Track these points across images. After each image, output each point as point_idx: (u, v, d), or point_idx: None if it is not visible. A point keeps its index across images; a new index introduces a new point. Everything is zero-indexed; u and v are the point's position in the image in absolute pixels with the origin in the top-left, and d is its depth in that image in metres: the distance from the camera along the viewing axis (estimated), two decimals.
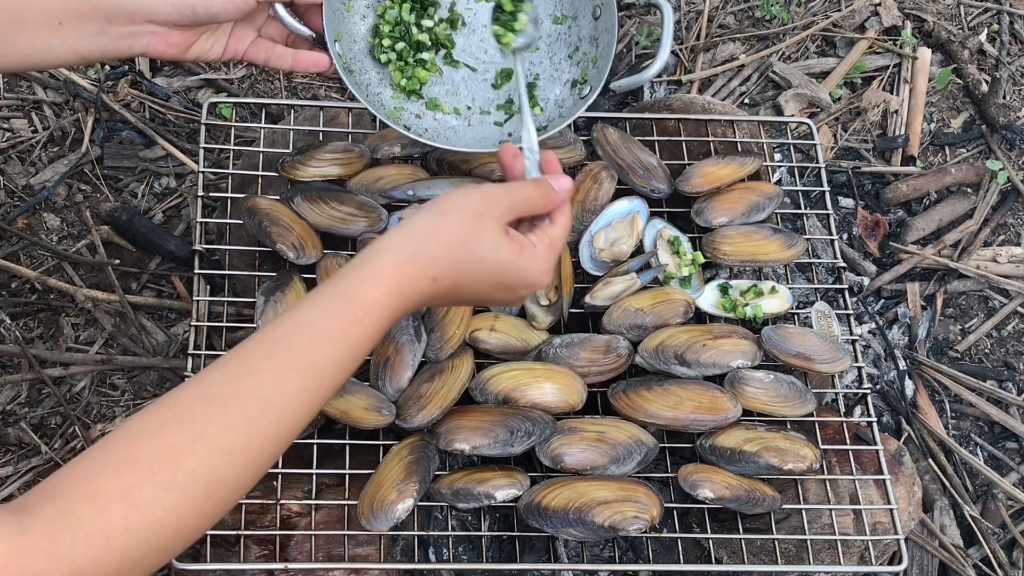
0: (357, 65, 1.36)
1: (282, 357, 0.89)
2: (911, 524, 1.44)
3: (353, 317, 0.93)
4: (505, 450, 1.26)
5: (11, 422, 1.62)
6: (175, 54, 1.19)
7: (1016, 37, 2.13)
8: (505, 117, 1.39)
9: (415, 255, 0.98)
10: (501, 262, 1.02)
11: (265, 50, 1.26)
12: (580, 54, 1.38)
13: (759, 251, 1.46)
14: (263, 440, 0.87)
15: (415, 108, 1.38)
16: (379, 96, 1.37)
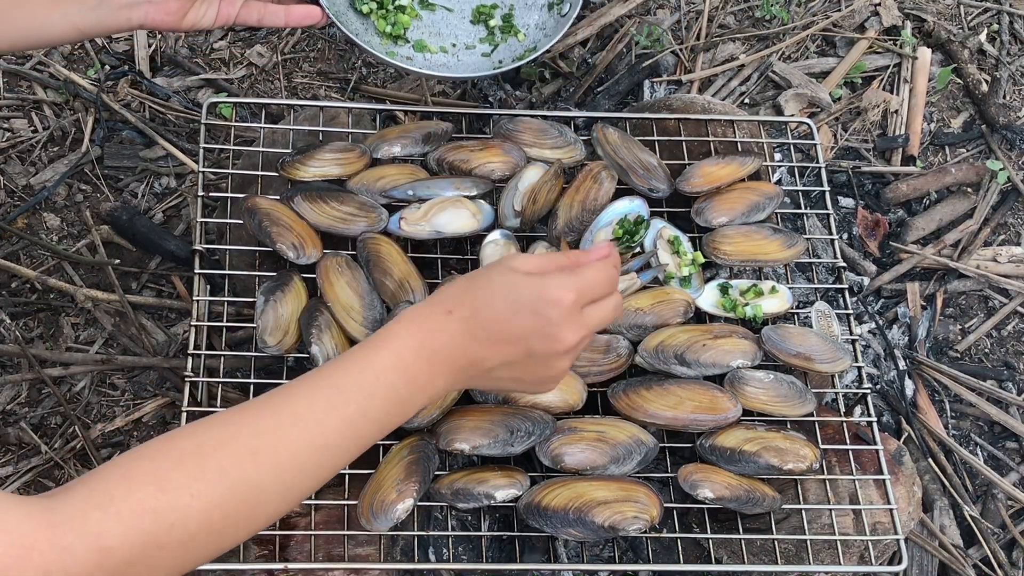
0: (342, 18, 1.41)
1: (313, 381, 0.96)
2: (911, 524, 1.44)
3: (374, 347, 0.98)
4: (505, 450, 1.26)
5: (11, 422, 1.62)
6: (172, 23, 1.21)
7: (1016, 37, 2.13)
8: (491, 47, 1.45)
9: (431, 300, 1.04)
10: (515, 284, 1.01)
11: (257, 11, 1.28)
12: None
13: (759, 251, 1.46)
14: (291, 448, 0.90)
15: (404, 52, 1.46)
16: (368, 43, 1.42)
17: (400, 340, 0.99)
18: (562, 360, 1.05)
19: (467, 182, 1.44)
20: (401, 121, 1.76)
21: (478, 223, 1.44)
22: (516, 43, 1.44)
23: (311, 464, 0.92)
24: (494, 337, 1.01)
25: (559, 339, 1.02)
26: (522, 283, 1.01)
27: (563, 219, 1.44)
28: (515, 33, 1.46)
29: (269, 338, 1.32)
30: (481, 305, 1.01)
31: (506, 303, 1.01)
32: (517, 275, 1.02)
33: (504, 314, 1.01)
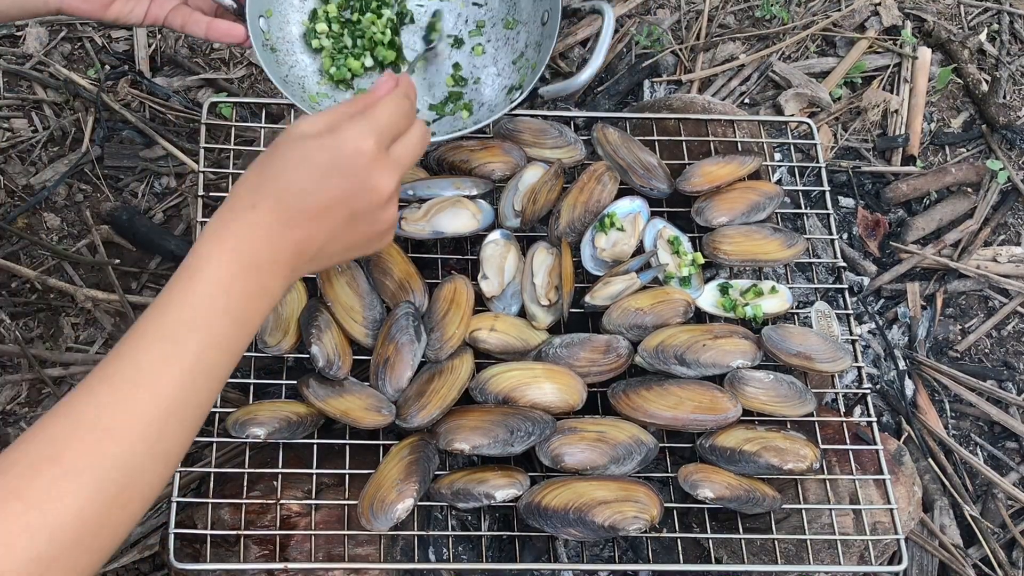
0: (284, 46, 1.31)
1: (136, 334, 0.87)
2: (911, 524, 1.44)
3: (189, 274, 0.90)
4: (505, 450, 1.26)
5: (11, 422, 1.62)
6: (91, 11, 1.17)
7: (1016, 37, 2.13)
8: (435, 117, 1.34)
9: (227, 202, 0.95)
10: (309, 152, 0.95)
11: (183, 16, 1.23)
12: (523, 60, 1.33)
13: (759, 250, 1.46)
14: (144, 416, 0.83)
15: (340, 97, 1.33)
16: (303, 80, 1.31)
17: (213, 261, 0.90)
18: (387, 209, 1.00)
19: (467, 182, 1.44)
20: None
21: (478, 223, 1.44)
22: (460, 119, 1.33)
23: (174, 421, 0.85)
24: (309, 214, 0.94)
25: (375, 189, 0.97)
26: (316, 147, 0.95)
27: (566, 220, 1.44)
28: (465, 109, 1.34)
29: (269, 338, 1.32)
30: (283, 187, 0.93)
31: (308, 174, 0.94)
32: (308, 140, 0.95)
33: (309, 186, 0.94)
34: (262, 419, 1.27)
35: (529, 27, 1.34)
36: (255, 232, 0.92)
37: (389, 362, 1.31)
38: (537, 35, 1.33)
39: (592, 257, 1.44)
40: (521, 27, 1.35)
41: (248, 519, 1.27)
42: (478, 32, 1.37)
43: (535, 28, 1.33)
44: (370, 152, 0.96)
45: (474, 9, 1.35)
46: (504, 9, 1.37)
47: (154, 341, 0.86)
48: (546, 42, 1.29)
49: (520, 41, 1.35)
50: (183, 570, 1.21)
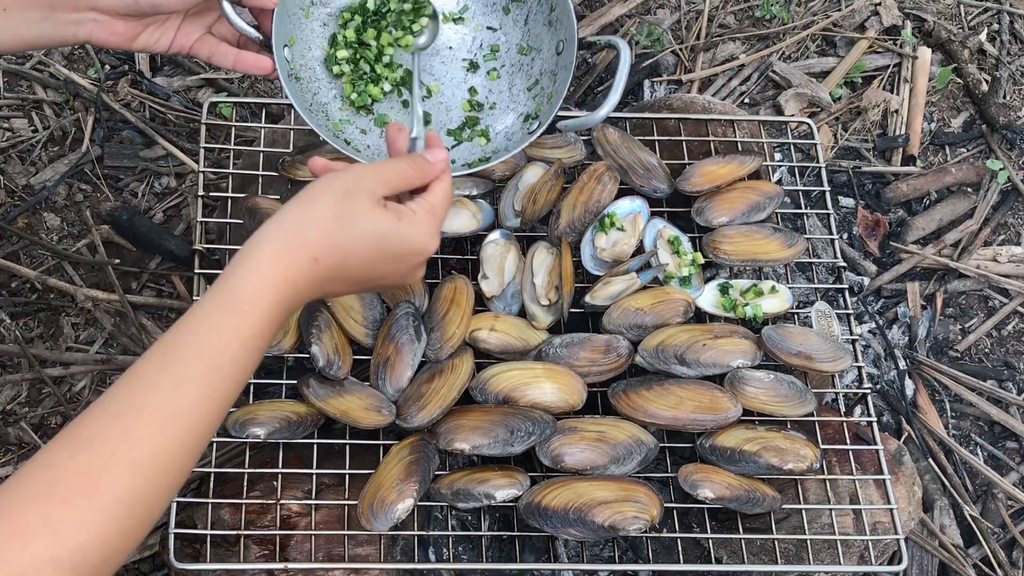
0: (307, 73, 1.32)
1: (176, 365, 0.89)
2: (911, 524, 1.44)
3: (240, 311, 0.91)
4: (505, 450, 1.26)
5: (11, 422, 1.62)
6: (120, 43, 1.19)
7: (1016, 37, 2.13)
8: (454, 143, 1.34)
9: (292, 241, 0.96)
10: (379, 231, 1.00)
11: (210, 47, 1.24)
12: (539, 88, 1.34)
13: (759, 250, 1.46)
14: (171, 452, 0.86)
15: (362, 123, 1.33)
16: (326, 107, 1.32)
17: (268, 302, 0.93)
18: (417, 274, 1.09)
19: (467, 182, 1.44)
20: None
21: (478, 223, 1.44)
22: (478, 147, 1.33)
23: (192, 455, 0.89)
24: (352, 279, 1.02)
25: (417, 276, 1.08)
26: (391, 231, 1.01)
27: (566, 219, 1.44)
28: (483, 136, 1.33)
29: None
30: (349, 255, 0.99)
31: (374, 254, 1.01)
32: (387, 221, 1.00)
33: (370, 263, 1.01)
34: (262, 419, 1.27)
35: (544, 55, 1.34)
36: (310, 285, 0.97)
37: (389, 362, 1.31)
38: (552, 64, 1.33)
39: (592, 257, 1.44)
40: (535, 54, 1.35)
41: (248, 519, 1.27)
42: (492, 56, 1.37)
43: (550, 56, 1.33)
44: (431, 251, 1.05)
45: (488, 33, 1.36)
46: (519, 35, 1.36)
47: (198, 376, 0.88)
48: (562, 73, 1.30)
49: (535, 68, 1.35)
50: (183, 570, 1.21)
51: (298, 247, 0.96)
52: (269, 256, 0.95)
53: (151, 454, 0.85)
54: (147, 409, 0.86)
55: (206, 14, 1.24)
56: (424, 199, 1.06)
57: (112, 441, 0.84)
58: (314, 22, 1.32)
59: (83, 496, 0.80)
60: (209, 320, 0.91)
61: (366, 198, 1.00)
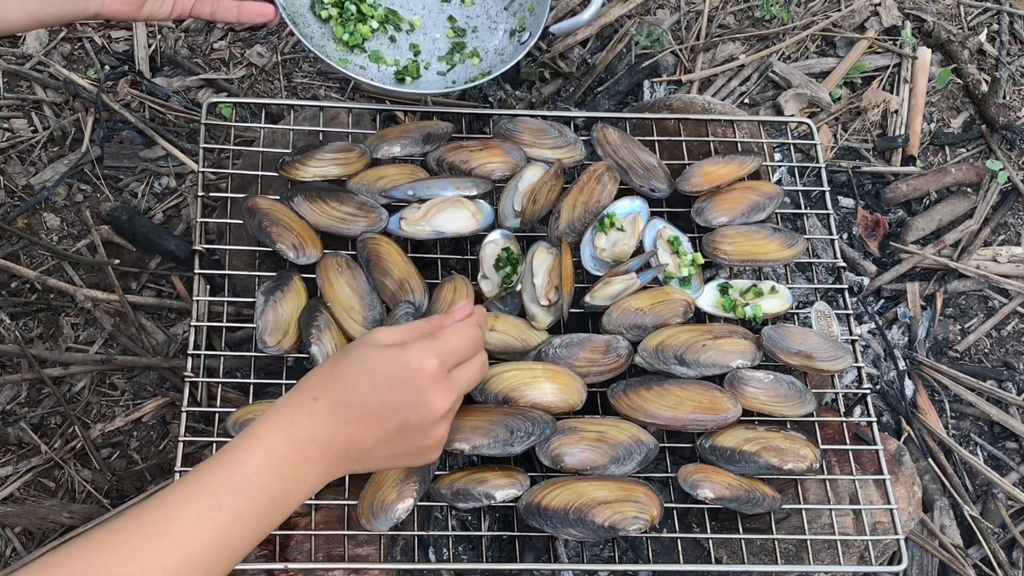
0: (300, 19, 1.41)
1: (183, 487, 0.93)
2: (911, 524, 1.44)
3: (245, 444, 0.96)
4: (505, 450, 1.26)
5: (11, 422, 1.62)
6: (128, 13, 1.21)
7: (1016, 37, 2.13)
8: (448, 67, 1.45)
9: (295, 390, 1.02)
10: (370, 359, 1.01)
11: (211, 4, 1.27)
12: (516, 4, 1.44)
13: (759, 250, 1.46)
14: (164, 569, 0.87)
15: (359, 60, 1.46)
16: (323, 49, 1.42)
17: (268, 436, 0.97)
18: (438, 427, 1.05)
19: (467, 182, 1.44)
20: (401, 121, 1.76)
21: (478, 223, 1.44)
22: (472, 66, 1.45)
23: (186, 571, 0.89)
24: (362, 416, 1.00)
25: (430, 407, 1.03)
26: (382, 356, 1.01)
27: (565, 220, 1.44)
28: (474, 56, 1.46)
29: (269, 338, 1.32)
30: (344, 386, 1.00)
31: (368, 379, 1.00)
32: (377, 350, 1.02)
33: (367, 390, 1.00)
34: None
35: None
36: (311, 421, 0.99)
37: None
38: None
39: (592, 257, 1.44)
40: None
41: None
42: None
43: None
44: (431, 371, 1.02)
45: None
46: None
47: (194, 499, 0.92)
48: None
49: None
50: None
51: (298, 392, 1.01)
52: (274, 405, 1.00)
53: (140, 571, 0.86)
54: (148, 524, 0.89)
55: None
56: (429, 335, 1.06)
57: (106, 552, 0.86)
58: None
59: None
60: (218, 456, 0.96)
61: (367, 343, 1.04)
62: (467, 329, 1.08)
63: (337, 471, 1.02)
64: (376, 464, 1.06)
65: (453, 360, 1.05)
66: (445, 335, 1.06)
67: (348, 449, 1.01)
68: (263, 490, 0.94)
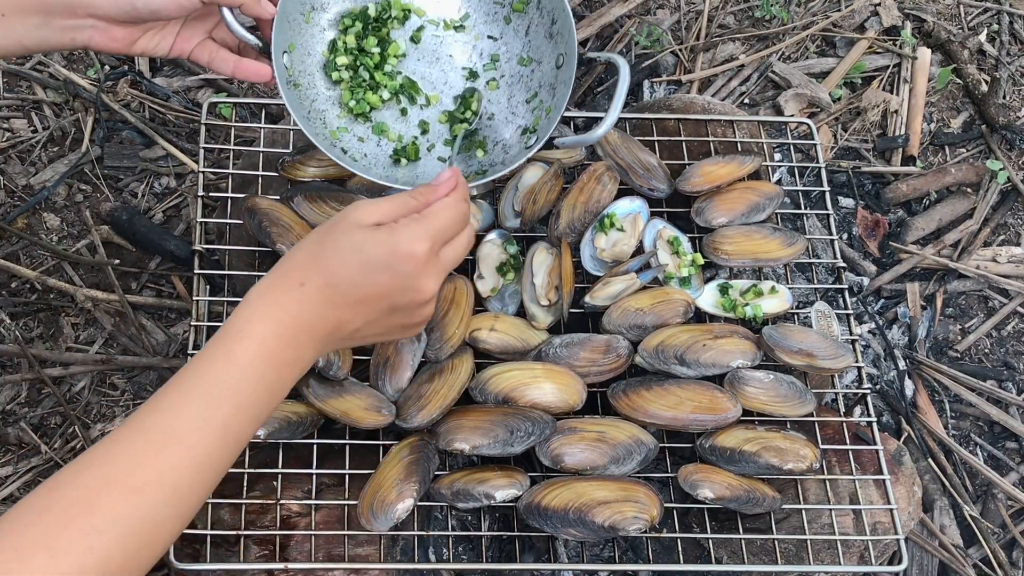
0: (306, 79, 1.30)
1: (174, 391, 0.92)
2: (911, 524, 1.44)
3: (231, 339, 0.94)
4: (505, 450, 1.26)
5: (11, 422, 1.62)
6: (119, 48, 1.20)
7: (1016, 37, 2.13)
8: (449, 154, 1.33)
9: (276, 274, 0.99)
10: (358, 242, 0.99)
11: (209, 52, 1.24)
12: (537, 101, 1.33)
13: (760, 249, 1.46)
14: (173, 471, 0.87)
15: (359, 131, 1.33)
16: (323, 113, 1.31)
17: (259, 327, 0.95)
18: (425, 308, 1.06)
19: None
20: None
21: (478, 223, 1.44)
22: (474, 159, 1.32)
23: (198, 478, 0.89)
24: (353, 300, 0.99)
25: (419, 290, 1.02)
26: (372, 240, 0.99)
27: (565, 220, 1.44)
28: (480, 147, 1.33)
29: None
30: (333, 271, 0.98)
31: (359, 265, 0.99)
32: (365, 232, 0.99)
33: (358, 277, 0.99)
34: None
35: (543, 68, 1.33)
36: (302, 307, 0.97)
37: (389, 362, 1.31)
38: (551, 77, 1.32)
39: (592, 257, 1.44)
40: (535, 66, 1.34)
41: (248, 519, 1.27)
42: (492, 66, 1.36)
43: (549, 70, 1.32)
44: (422, 255, 1.00)
45: (489, 43, 1.35)
46: (519, 46, 1.35)
47: (193, 399, 0.91)
48: (561, 88, 1.29)
49: (534, 80, 1.34)
50: (183, 570, 1.21)
51: (282, 276, 0.99)
52: (256, 292, 0.98)
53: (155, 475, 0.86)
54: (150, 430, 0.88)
55: (206, 19, 1.23)
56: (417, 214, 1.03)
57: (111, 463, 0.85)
58: (314, 28, 1.31)
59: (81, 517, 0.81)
60: (205, 353, 0.94)
61: (351, 221, 1.01)
62: (455, 205, 1.05)
63: (326, 349, 1.03)
64: (362, 341, 1.07)
65: (441, 240, 1.04)
66: (433, 214, 1.03)
67: (336, 329, 1.01)
68: (260, 381, 0.94)
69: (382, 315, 1.03)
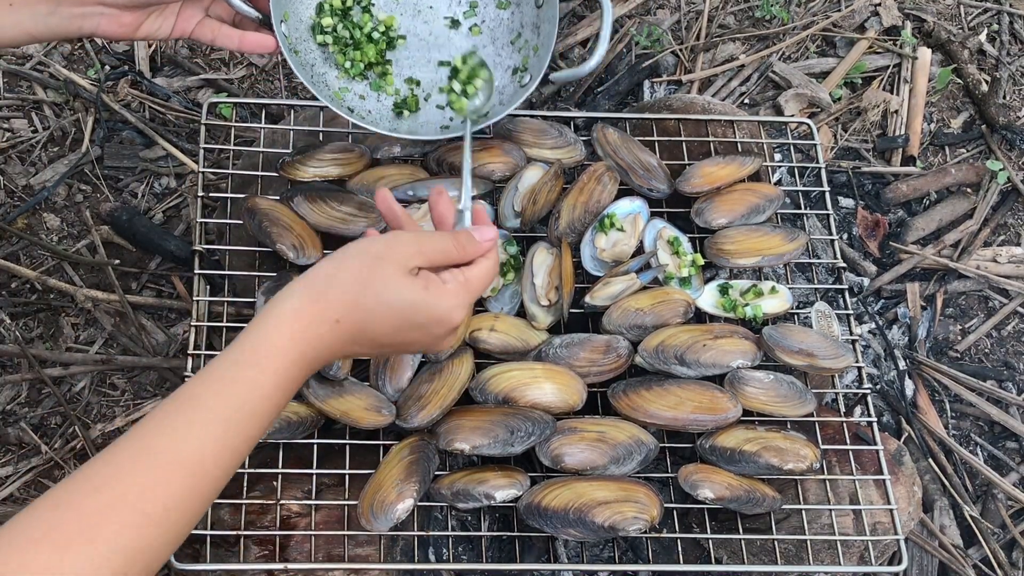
0: (303, 45, 1.36)
1: (190, 410, 0.88)
2: (911, 524, 1.44)
3: (258, 365, 0.92)
4: (505, 450, 1.26)
5: (11, 422, 1.62)
6: (125, 34, 1.21)
7: (1016, 37, 2.13)
8: (447, 100, 1.39)
9: (314, 299, 0.96)
10: (404, 300, 0.98)
11: (212, 30, 1.26)
12: (522, 41, 1.38)
13: (763, 246, 1.46)
14: (178, 499, 0.85)
15: (359, 89, 1.38)
16: (324, 76, 1.36)
17: (287, 357, 0.93)
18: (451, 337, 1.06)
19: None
20: None
21: None
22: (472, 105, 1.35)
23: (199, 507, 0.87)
24: (376, 343, 1.00)
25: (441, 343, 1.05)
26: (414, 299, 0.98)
27: (566, 220, 1.44)
28: (473, 93, 1.36)
29: None
30: (370, 322, 0.98)
31: (398, 321, 0.99)
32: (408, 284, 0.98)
33: (391, 331, 0.99)
34: None
35: (524, 9, 1.39)
36: (332, 343, 0.96)
37: (389, 362, 1.31)
38: (533, 17, 1.38)
39: (592, 257, 1.44)
40: (514, 8, 1.40)
41: (248, 519, 1.27)
42: (472, 13, 1.42)
43: (530, 10, 1.38)
44: (458, 322, 1.02)
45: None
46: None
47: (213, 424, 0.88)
48: (545, 25, 1.34)
49: (516, 21, 1.39)
50: (183, 570, 1.21)
51: (321, 307, 0.96)
52: (291, 314, 0.94)
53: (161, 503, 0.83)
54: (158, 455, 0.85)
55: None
56: (461, 272, 1.03)
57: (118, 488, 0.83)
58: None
59: (82, 543, 0.79)
60: (228, 372, 0.91)
61: (396, 266, 0.99)
62: (493, 264, 1.07)
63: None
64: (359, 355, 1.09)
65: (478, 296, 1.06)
66: (477, 279, 1.04)
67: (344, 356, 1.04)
68: (276, 409, 0.93)
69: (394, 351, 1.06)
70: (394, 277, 0.98)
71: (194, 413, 0.88)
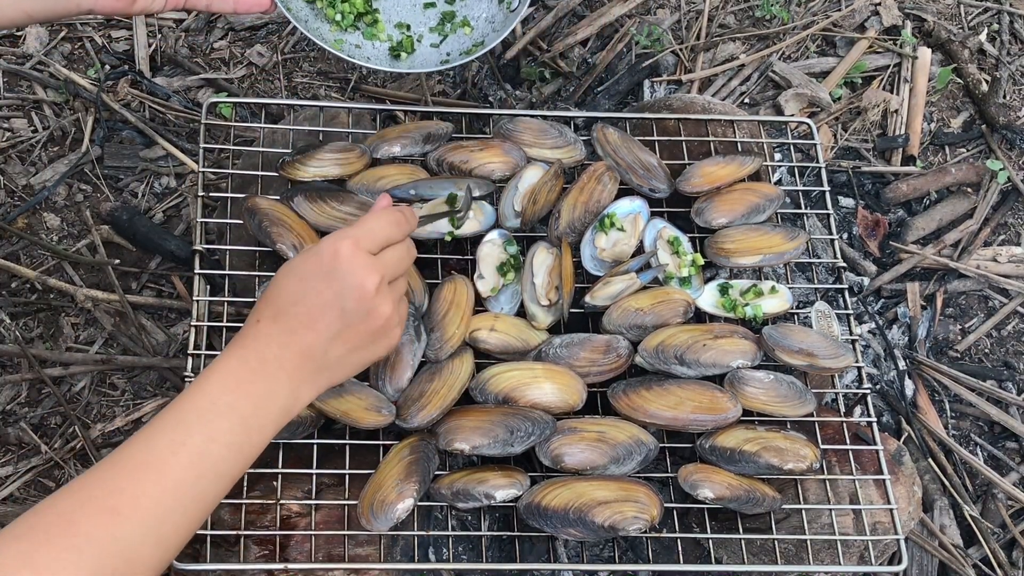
0: (294, 3, 1.41)
1: (154, 422, 0.96)
2: (911, 524, 1.44)
3: (204, 374, 1.00)
4: (505, 450, 1.26)
5: (11, 422, 1.62)
6: (121, 9, 1.22)
7: (1016, 37, 2.13)
8: (440, 38, 1.45)
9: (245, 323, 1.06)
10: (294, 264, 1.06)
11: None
12: None
13: (764, 244, 1.45)
14: (149, 497, 0.90)
15: (353, 39, 1.45)
16: (318, 30, 1.43)
17: (222, 364, 1.00)
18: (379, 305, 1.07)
19: (467, 181, 1.44)
20: (401, 121, 1.76)
21: (479, 223, 1.44)
22: (465, 37, 1.45)
23: (174, 504, 0.92)
24: (304, 317, 1.03)
25: (358, 285, 1.04)
26: (301, 259, 1.06)
27: (566, 220, 1.44)
28: (464, 25, 1.45)
29: None
30: (279, 298, 1.04)
31: (295, 282, 1.04)
32: (298, 257, 1.07)
33: (297, 292, 1.04)
34: None
35: None
36: (258, 340, 1.02)
37: (389, 362, 1.31)
38: None
39: (592, 257, 1.44)
40: None
41: (248, 519, 1.27)
42: None
43: None
44: (346, 251, 1.05)
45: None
46: None
47: (166, 429, 0.95)
48: None
49: None
50: (183, 570, 1.21)
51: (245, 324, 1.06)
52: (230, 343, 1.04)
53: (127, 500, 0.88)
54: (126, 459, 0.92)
55: None
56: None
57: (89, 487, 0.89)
58: None
59: (59, 536, 0.84)
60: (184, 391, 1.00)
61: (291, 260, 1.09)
62: (385, 214, 1.11)
63: (308, 386, 1.04)
64: (342, 366, 1.08)
65: (370, 240, 1.07)
66: (358, 221, 1.09)
67: (305, 358, 1.03)
68: (231, 410, 0.97)
69: (339, 325, 1.04)
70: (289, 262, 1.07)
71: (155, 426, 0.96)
